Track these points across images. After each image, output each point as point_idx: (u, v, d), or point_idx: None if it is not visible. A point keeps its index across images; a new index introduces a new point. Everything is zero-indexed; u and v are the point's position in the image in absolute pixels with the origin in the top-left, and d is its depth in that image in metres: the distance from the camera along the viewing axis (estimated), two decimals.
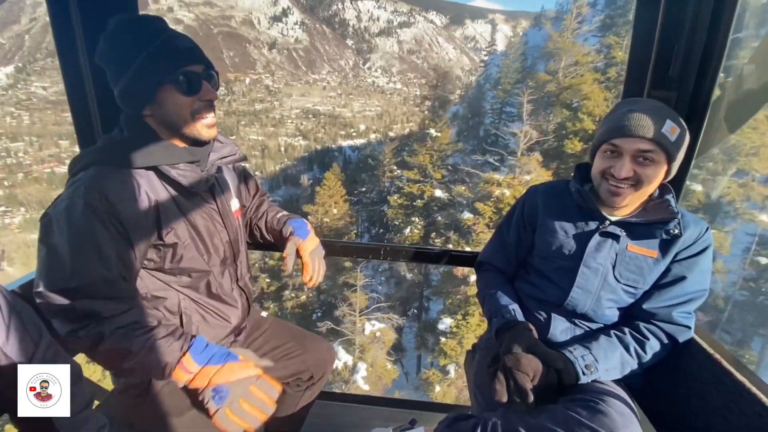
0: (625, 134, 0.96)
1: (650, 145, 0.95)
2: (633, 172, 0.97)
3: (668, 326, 1.04)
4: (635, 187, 0.99)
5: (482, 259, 1.36)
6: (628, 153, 0.97)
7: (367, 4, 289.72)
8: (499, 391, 0.98)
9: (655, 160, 0.96)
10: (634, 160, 0.97)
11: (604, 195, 1.03)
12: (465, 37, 76.95)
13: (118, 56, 0.88)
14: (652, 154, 0.95)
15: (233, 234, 1.11)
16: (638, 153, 0.96)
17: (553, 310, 1.14)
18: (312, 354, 1.32)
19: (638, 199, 1.04)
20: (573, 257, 1.10)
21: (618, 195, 1.00)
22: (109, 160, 0.88)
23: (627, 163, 0.97)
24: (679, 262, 1.03)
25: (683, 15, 1.12)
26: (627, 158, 0.97)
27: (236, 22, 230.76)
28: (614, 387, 1.02)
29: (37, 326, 0.78)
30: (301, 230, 1.26)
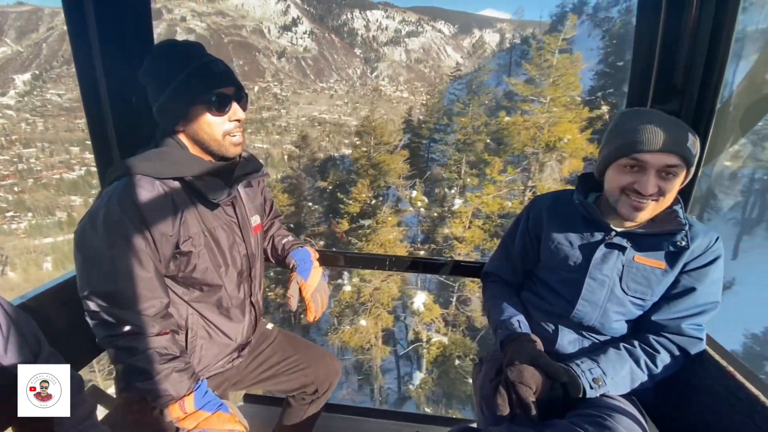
0: (651, 149, 0.92)
1: (677, 160, 0.92)
2: (657, 187, 0.94)
3: (679, 338, 1.01)
4: (657, 201, 0.96)
5: (488, 270, 1.36)
6: (654, 168, 0.93)
7: (376, 13, 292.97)
8: (501, 404, 0.96)
9: (678, 174, 0.94)
10: (658, 175, 0.94)
11: (624, 210, 0.99)
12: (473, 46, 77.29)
13: (160, 76, 0.95)
14: (677, 168, 0.93)
15: (251, 248, 1.14)
16: (664, 168, 0.93)
17: (560, 321, 1.12)
18: (317, 367, 1.33)
19: (656, 212, 1.00)
20: (579, 269, 1.08)
21: (641, 210, 0.97)
22: (141, 169, 0.93)
23: (652, 178, 0.93)
24: (689, 273, 1.00)
25: (684, 25, 1.11)
26: (652, 173, 0.93)
27: (247, 32, 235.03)
28: (624, 402, 0.99)
29: (37, 338, 0.80)
30: (304, 264, 1.27)
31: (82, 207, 72.37)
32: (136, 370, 0.91)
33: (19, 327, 0.77)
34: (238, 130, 1.02)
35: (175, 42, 0.99)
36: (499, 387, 0.99)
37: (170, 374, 0.92)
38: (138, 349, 0.90)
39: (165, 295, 0.97)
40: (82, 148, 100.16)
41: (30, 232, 65.12)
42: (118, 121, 1.32)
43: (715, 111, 1.14)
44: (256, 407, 1.82)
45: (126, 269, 0.90)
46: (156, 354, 0.92)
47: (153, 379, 0.90)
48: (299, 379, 1.31)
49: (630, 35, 3.17)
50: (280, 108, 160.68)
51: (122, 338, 0.91)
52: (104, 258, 0.88)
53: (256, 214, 1.19)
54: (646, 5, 1.17)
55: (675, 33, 1.13)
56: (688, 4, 1.10)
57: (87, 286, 0.90)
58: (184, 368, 0.95)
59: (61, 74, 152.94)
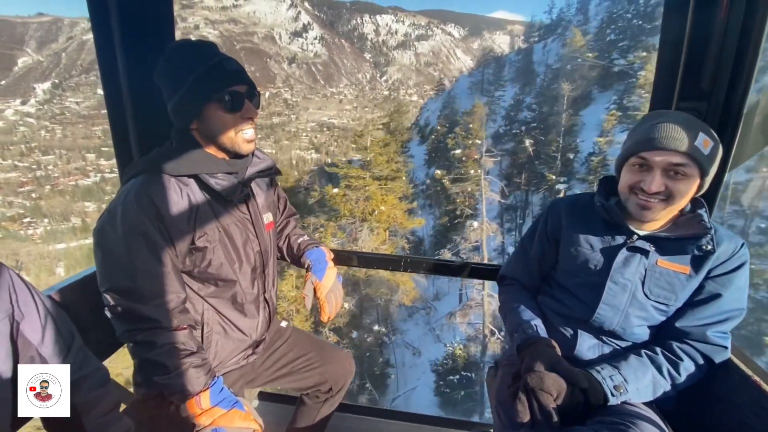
0: (655, 147, 0.92)
1: (683, 159, 0.91)
2: (664, 186, 0.93)
3: (703, 346, 0.99)
4: (666, 201, 0.95)
5: (504, 273, 1.34)
6: (659, 166, 0.93)
7: (386, 18, 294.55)
8: (521, 411, 0.94)
9: (688, 174, 0.92)
10: (665, 174, 0.93)
11: (633, 209, 0.99)
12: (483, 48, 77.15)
13: (173, 76, 0.97)
14: (685, 168, 0.91)
15: (264, 245, 1.15)
16: (670, 167, 0.92)
17: (580, 326, 1.10)
18: (332, 365, 1.34)
19: (669, 214, 1.00)
20: (599, 272, 1.06)
21: (648, 209, 0.96)
22: (157, 168, 0.96)
23: (658, 177, 0.93)
24: (714, 279, 0.98)
25: (713, 22, 1.08)
26: (657, 172, 0.93)
27: (258, 38, 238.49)
28: (646, 410, 0.97)
29: (69, 330, 0.83)
30: (319, 264, 1.28)
31: (95, 213, 73.89)
32: (154, 365, 0.92)
33: (54, 318, 0.80)
34: (250, 127, 1.03)
35: (188, 42, 1.01)
36: (518, 393, 0.97)
37: (187, 369, 0.93)
38: (156, 343, 0.92)
39: (182, 290, 0.99)
40: (97, 154, 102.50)
41: (45, 238, 66.70)
42: (139, 121, 1.35)
43: (743, 114, 1.11)
44: (270, 405, 1.82)
45: (144, 265, 0.92)
46: (174, 349, 0.93)
47: (170, 374, 0.92)
48: (314, 377, 1.32)
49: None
50: (290, 113, 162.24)
51: (141, 333, 0.92)
52: (122, 254, 0.90)
53: (268, 212, 1.21)
54: (672, 5, 1.15)
55: (703, 31, 1.10)
56: (718, 6, 1.07)
57: (106, 282, 0.92)
58: (201, 364, 0.96)
59: (80, 83, 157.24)
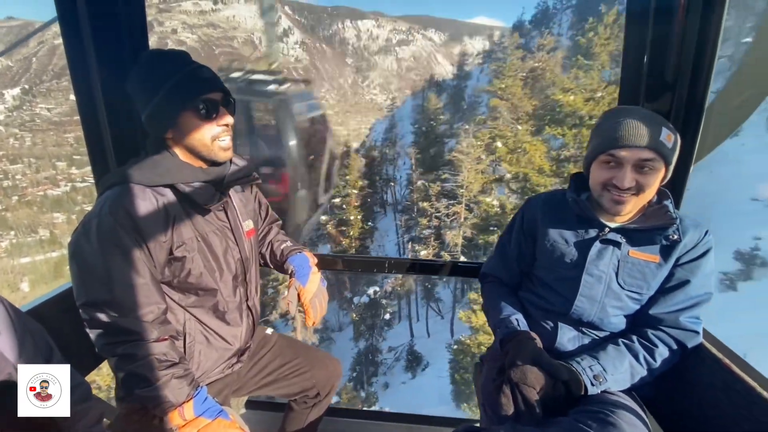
0: (624, 144, 0.96)
1: (650, 154, 0.95)
2: (635, 181, 0.97)
3: (676, 332, 1.03)
4: (637, 195, 0.99)
5: (485, 271, 1.37)
6: (629, 163, 0.97)
7: (367, 23, 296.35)
8: (505, 404, 0.97)
9: (655, 168, 0.97)
10: (634, 169, 0.97)
11: (607, 205, 1.02)
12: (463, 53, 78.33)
13: (146, 86, 0.96)
14: (653, 162, 0.96)
15: (245, 252, 1.15)
16: (638, 162, 0.96)
17: (560, 319, 1.13)
18: (319, 370, 1.34)
19: (639, 206, 1.04)
20: (575, 266, 1.10)
21: (621, 203, 1.00)
22: (132, 178, 0.94)
23: (629, 173, 0.97)
24: (682, 266, 1.02)
25: (671, 33, 1.16)
26: (628, 168, 0.97)
27: (238, 43, 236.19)
28: (624, 397, 1.00)
29: (48, 345, 0.82)
30: (303, 269, 1.27)
31: (65, 225, 71.02)
32: (136, 377, 0.91)
33: (33, 334, 0.78)
34: (226, 135, 1.03)
35: (160, 51, 1.01)
36: (502, 387, 1.00)
37: (170, 381, 0.91)
38: (137, 355, 0.90)
39: (162, 301, 0.97)
40: (69, 163, 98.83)
41: (11, 252, 63.75)
42: (115, 130, 1.32)
43: (704, 110, 1.18)
44: (258, 413, 1.80)
45: (121, 277, 0.90)
46: (155, 360, 0.91)
47: (153, 385, 0.90)
48: (301, 383, 1.31)
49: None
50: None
51: (121, 346, 0.91)
52: (99, 267, 0.89)
53: (248, 219, 1.20)
54: (634, 11, 1.22)
55: (664, 37, 1.17)
56: (676, 11, 1.14)
57: (83, 295, 0.90)
58: (184, 375, 0.95)
59: (51, 88, 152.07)
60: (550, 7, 48.53)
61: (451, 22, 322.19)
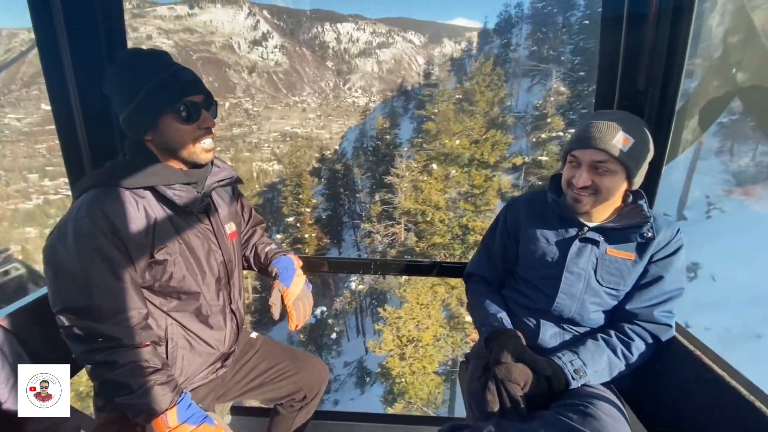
0: (581, 145, 1.02)
1: (602, 156, 1.00)
2: (591, 181, 1.02)
3: (651, 326, 1.07)
4: (595, 195, 1.04)
5: (470, 270, 1.40)
6: (585, 163, 1.03)
7: (347, 26, 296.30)
8: (491, 401, 0.99)
9: (611, 170, 1.01)
10: (591, 170, 1.02)
11: (570, 203, 1.09)
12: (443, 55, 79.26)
13: (126, 86, 0.94)
14: (606, 164, 1.00)
15: (228, 255, 1.13)
16: (593, 163, 1.02)
17: (542, 316, 1.17)
18: (305, 373, 1.33)
19: (604, 207, 1.08)
20: (556, 264, 1.13)
21: (579, 202, 1.06)
22: (110, 181, 0.93)
23: (584, 173, 1.02)
24: (656, 263, 1.07)
25: (643, 39, 1.22)
26: (584, 168, 1.03)
27: (216, 47, 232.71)
28: (603, 390, 1.04)
29: (18, 356, 0.81)
30: (287, 272, 1.26)
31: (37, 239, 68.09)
32: (116, 385, 0.88)
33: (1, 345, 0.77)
34: (208, 137, 1.02)
35: (140, 51, 0.98)
36: (488, 384, 1.02)
37: (152, 387, 0.89)
38: (117, 362, 0.88)
39: (143, 306, 0.95)
40: (41, 175, 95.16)
41: None
42: (91, 133, 1.29)
43: (675, 112, 1.24)
44: (244, 419, 1.78)
45: (100, 281, 0.88)
46: (136, 367, 0.89)
47: (134, 393, 0.88)
48: (287, 387, 1.30)
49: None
50: (252, 124, 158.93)
51: (100, 353, 0.88)
52: (76, 271, 0.87)
53: (231, 222, 1.19)
54: (608, 18, 1.28)
55: (636, 43, 1.23)
56: (647, 19, 1.21)
57: (60, 302, 0.87)
58: (166, 381, 0.93)
59: (21, 98, 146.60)
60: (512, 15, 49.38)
61: (430, 24, 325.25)
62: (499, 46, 45.01)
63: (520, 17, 48.55)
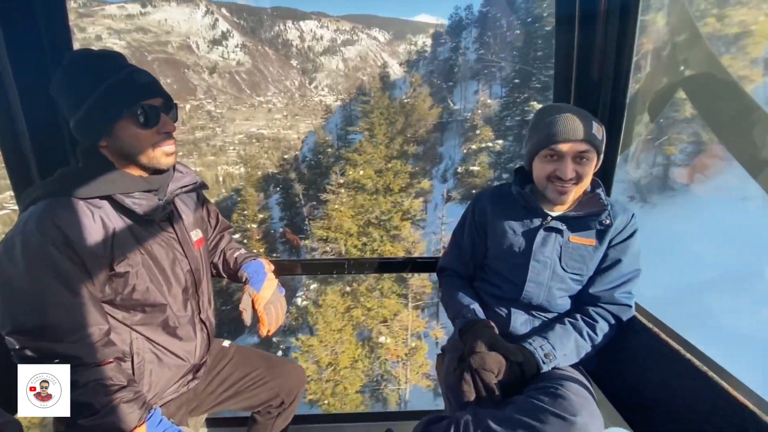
0: (564, 139, 1.05)
1: (586, 146, 1.05)
2: (575, 172, 1.07)
3: (613, 307, 1.13)
4: (577, 184, 1.08)
5: (442, 265, 1.42)
6: (569, 155, 1.06)
7: (310, 23, 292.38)
8: (467, 391, 1.02)
9: (590, 158, 1.07)
10: (574, 161, 1.06)
11: (552, 196, 1.11)
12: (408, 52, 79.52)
13: (76, 89, 0.88)
14: (588, 153, 1.06)
15: (195, 263, 1.09)
16: (577, 154, 1.06)
17: (512, 305, 1.21)
18: (282, 378, 1.31)
19: (578, 194, 1.13)
20: (523, 254, 1.17)
21: (565, 193, 1.09)
22: (61, 190, 0.87)
23: (570, 164, 1.06)
24: (614, 247, 1.13)
25: (594, 38, 1.30)
26: (569, 160, 1.06)
27: (173, 48, 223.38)
28: (572, 371, 1.09)
29: None
30: (257, 276, 1.23)
31: None
32: (79, 407, 0.83)
33: None
34: (169, 141, 0.97)
35: (90, 51, 0.92)
36: (464, 374, 1.05)
37: (118, 405, 0.85)
38: (78, 382, 0.83)
39: (104, 322, 0.90)
40: None
41: None
42: (36, 140, 1.21)
43: (626, 105, 1.32)
44: (220, 430, 1.74)
45: (55, 298, 0.82)
46: (100, 385, 0.85)
47: (98, 413, 0.83)
48: (264, 393, 1.28)
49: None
50: (215, 126, 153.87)
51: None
52: (27, 289, 0.81)
53: (197, 228, 1.15)
54: (562, 18, 1.34)
55: (588, 42, 1.31)
56: (597, 19, 1.28)
57: (9, 323, 0.81)
58: (134, 398, 0.88)
59: None
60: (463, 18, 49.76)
61: (394, 20, 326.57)
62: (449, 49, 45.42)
63: (471, 20, 49.10)
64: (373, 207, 15.15)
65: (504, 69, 33.05)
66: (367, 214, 15.27)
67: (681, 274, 10.06)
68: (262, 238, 23.18)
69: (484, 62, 39.66)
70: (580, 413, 0.88)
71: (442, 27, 59.02)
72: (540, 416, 0.89)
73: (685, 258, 10.88)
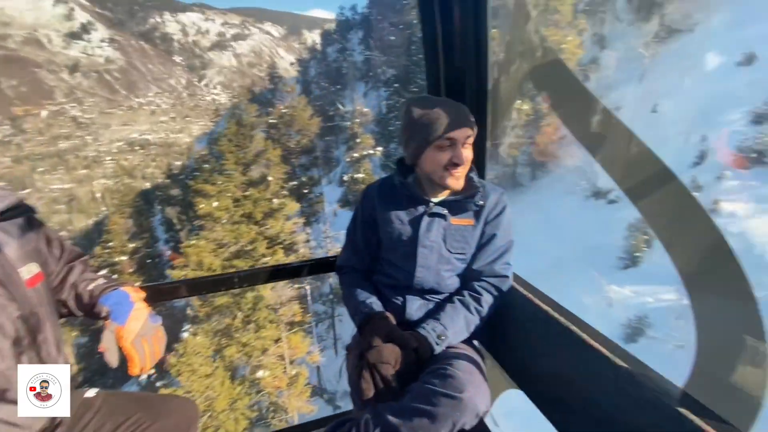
0: (458, 126, 1.10)
1: (471, 131, 1.14)
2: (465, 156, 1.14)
3: (493, 279, 1.21)
4: (465, 167, 1.15)
5: (340, 263, 1.42)
6: (461, 141, 1.12)
7: (191, 16, 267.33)
8: (366, 388, 1.03)
9: (472, 143, 1.15)
10: (462, 146, 1.12)
11: (451, 182, 1.15)
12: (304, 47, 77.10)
13: None
14: (471, 137, 1.15)
15: (28, 306, 0.92)
16: (465, 139, 1.13)
17: (407, 292, 1.24)
18: (168, 419, 1.15)
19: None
20: (411, 241, 1.21)
21: (461, 178, 1.15)
22: None
23: (463, 150, 1.13)
24: (489, 223, 1.21)
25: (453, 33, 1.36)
26: (460, 146, 1.12)
27: (15, 43, 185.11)
28: (464, 348, 1.16)
29: None
30: (121, 307, 1.05)
31: None
32: None
33: None
34: None
35: None
36: (362, 372, 1.04)
37: None
38: None
39: None
40: None
41: None
42: None
43: (488, 93, 1.42)
44: None
45: None
46: None
47: None
48: None
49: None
50: (84, 134, 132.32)
51: None
52: None
53: (29, 262, 0.96)
54: (425, 13, 1.38)
55: (448, 36, 1.36)
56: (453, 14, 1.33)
57: None
58: None
59: None
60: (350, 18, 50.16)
61: (287, 15, 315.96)
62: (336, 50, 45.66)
63: (356, 21, 49.82)
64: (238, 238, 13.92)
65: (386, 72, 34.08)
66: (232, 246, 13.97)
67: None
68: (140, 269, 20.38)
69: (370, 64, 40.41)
70: (467, 389, 0.93)
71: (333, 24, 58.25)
72: (433, 399, 0.92)
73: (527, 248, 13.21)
